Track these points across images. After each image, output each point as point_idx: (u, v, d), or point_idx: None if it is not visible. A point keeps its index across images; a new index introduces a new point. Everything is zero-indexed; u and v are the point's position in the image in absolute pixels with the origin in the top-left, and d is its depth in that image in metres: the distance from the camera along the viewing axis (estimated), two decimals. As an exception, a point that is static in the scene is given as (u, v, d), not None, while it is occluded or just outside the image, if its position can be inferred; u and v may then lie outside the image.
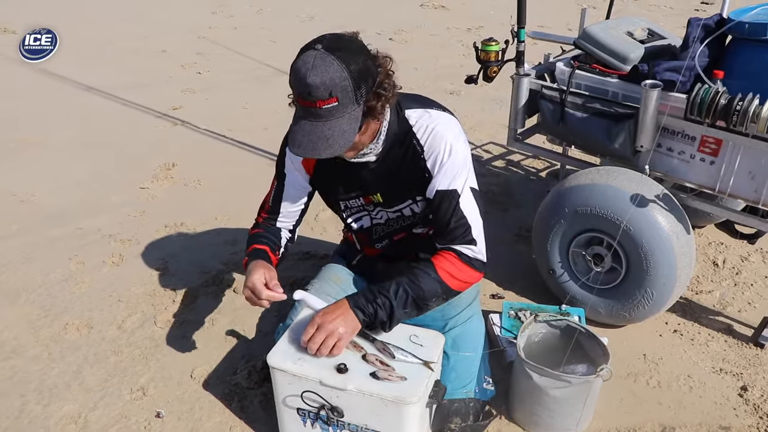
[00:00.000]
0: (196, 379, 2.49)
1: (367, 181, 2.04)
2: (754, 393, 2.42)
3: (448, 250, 1.97)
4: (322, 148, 1.69)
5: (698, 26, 2.52)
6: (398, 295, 1.88)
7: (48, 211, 3.77)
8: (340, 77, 1.63)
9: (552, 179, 4.10)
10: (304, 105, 1.67)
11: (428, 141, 1.93)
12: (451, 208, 1.94)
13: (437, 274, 1.91)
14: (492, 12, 8.91)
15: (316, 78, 1.61)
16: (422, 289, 1.89)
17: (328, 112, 1.66)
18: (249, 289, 1.91)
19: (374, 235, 2.23)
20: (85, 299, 2.95)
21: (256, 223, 2.23)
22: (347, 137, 1.70)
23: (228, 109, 5.52)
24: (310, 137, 1.68)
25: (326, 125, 1.67)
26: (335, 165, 2.00)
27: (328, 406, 1.85)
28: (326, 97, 1.63)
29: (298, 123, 1.71)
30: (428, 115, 1.97)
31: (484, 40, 2.76)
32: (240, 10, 9.37)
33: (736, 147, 2.37)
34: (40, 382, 2.47)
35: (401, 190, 2.05)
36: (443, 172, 1.93)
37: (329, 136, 1.68)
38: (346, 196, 2.11)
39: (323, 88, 1.62)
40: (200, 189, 4.06)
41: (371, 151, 1.92)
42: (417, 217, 2.14)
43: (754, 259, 3.29)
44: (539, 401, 2.13)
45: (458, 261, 1.95)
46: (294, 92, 1.69)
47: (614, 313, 2.65)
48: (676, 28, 2.85)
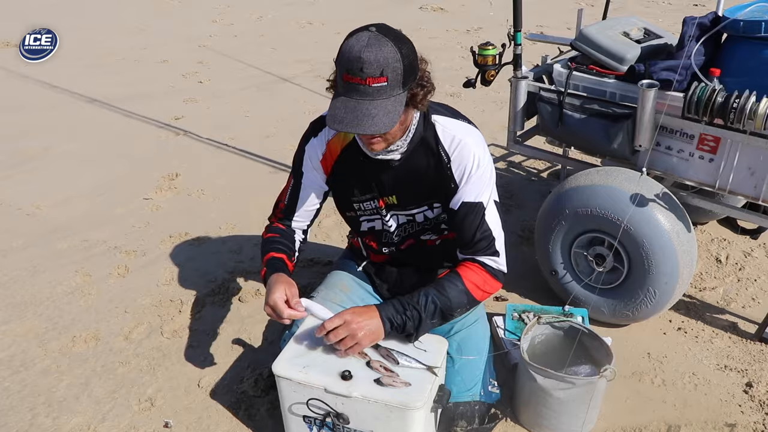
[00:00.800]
0: (204, 388, 2.51)
1: (385, 182, 2.04)
2: (760, 389, 2.43)
3: (474, 261, 2.00)
4: (367, 125, 1.67)
5: (693, 25, 2.53)
6: (427, 306, 1.90)
7: (53, 223, 3.80)
8: (393, 58, 1.65)
9: (553, 180, 4.11)
10: (352, 81, 1.66)
11: (456, 151, 1.95)
12: (477, 220, 1.97)
13: (464, 285, 1.94)
14: (491, 14, 8.91)
15: (371, 55, 1.62)
16: (450, 300, 1.92)
17: (376, 91, 1.66)
18: (270, 308, 1.90)
19: (383, 239, 2.23)
20: (92, 311, 2.98)
21: (270, 225, 2.22)
22: (392, 118, 1.69)
23: (229, 117, 5.55)
24: (354, 113, 1.67)
25: (372, 104, 1.67)
26: (355, 164, 2.02)
27: (333, 413, 1.86)
28: (377, 75, 1.64)
29: (339, 100, 1.70)
30: (455, 124, 1.99)
31: (481, 45, 2.77)
32: (240, 18, 9.40)
33: (735, 144, 2.37)
34: (49, 395, 2.49)
35: (419, 195, 2.07)
36: (470, 184, 1.95)
37: (374, 114, 1.67)
38: (361, 198, 2.11)
39: (376, 65, 1.63)
40: (203, 198, 4.08)
41: (398, 148, 1.92)
42: (429, 223, 2.15)
43: (757, 254, 3.29)
44: (544, 403, 2.14)
45: (484, 272, 1.98)
46: (342, 69, 1.68)
47: (617, 312, 2.66)
48: (675, 24, 2.86)
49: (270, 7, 9.98)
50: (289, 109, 5.69)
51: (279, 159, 4.58)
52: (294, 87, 6.31)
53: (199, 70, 6.90)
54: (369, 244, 2.31)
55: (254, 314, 2.92)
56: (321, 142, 2.07)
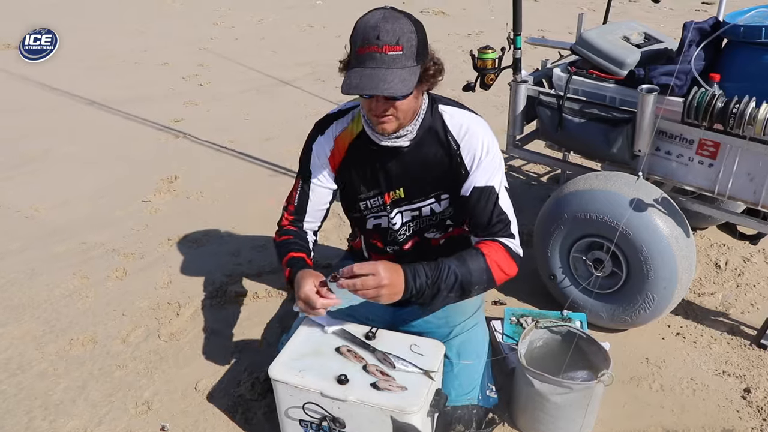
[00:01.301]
0: (201, 391, 2.50)
1: (392, 173, 2.05)
2: (758, 395, 2.42)
3: (493, 240, 1.99)
4: (383, 87, 1.68)
5: (694, 30, 2.53)
6: (447, 278, 1.87)
7: (51, 226, 3.80)
8: (408, 30, 1.72)
9: (553, 184, 4.11)
10: (369, 50, 1.69)
11: (464, 138, 2.00)
12: (491, 203, 1.99)
13: (486, 263, 1.93)
14: (492, 17, 8.93)
15: (387, 25, 1.68)
16: (471, 275, 1.90)
17: (392, 59, 1.69)
18: (302, 301, 1.88)
19: (389, 237, 2.23)
20: (90, 314, 2.97)
21: (281, 227, 2.20)
22: (407, 85, 1.72)
23: (229, 120, 5.54)
24: (370, 78, 1.69)
25: (387, 71, 1.69)
26: (363, 157, 2.04)
27: (329, 417, 1.85)
28: (393, 43, 1.68)
29: (354, 71, 1.72)
30: (462, 113, 2.05)
31: (481, 48, 2.77)
32: (241, 21, 9.41)
33: (734, 149, 2.37)
34: (46, 398, 2.49)
35: (427, 185, 2.08)
36: (481, 169, 1.98)
37: (390, 80, 1.69)
38: (368, 194, 2.12)
39: (392, 33, 1.68)
40: (202, 201, 4.07)
41: (407, 133, 1.94)
42: (434, 218, 2.16)
43: (757, 260, 3.28)
44: (541, 408, 2.13)
45: (504, 252, 1.98)
46: (357, 42, 1.72)
47: (616, 317, 2.66)
48: (676, 29, 2.86)
49: (271, 10, 9.99)
50: (289, 113, 5.68)
51: (279, 162, 4.57)
52: (294, 90, 6.32)
53: (199, 73, 6.90)
54: (373, 243, 2.31)
55: (252, 317, 2.91)
56: (328, 139, 2.09)
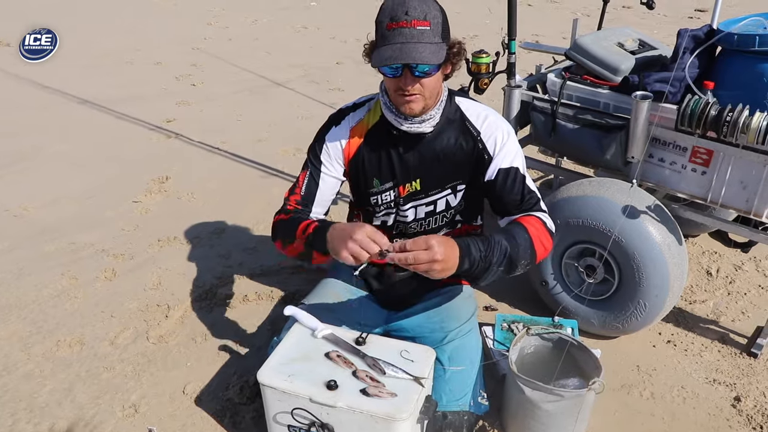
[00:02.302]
0: (189, 395, 2.48)
1: (409, 164, 2.07)
2: (748, 403, 2.42)
3: (531, 215, 2.02)
4: (415, 56, 1.74)
5: (688, 37, 2.53)
6: (498, 252, 1.85)
7: (40, 225, 3.76)
8: (435, 8, 1.79)
9: (546, 190, 4.10)
10: (397, 26, 1.75)
11: (484, 125, 2.05)
12: (519, 182, 2.04)
13: (531, 237, 1.94)
14: (487, 21, 8.92)
15: (414, 1, 1.75)
16: (519, 248, 1.89)
17: (420, 33, 1.75)
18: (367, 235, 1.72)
19: (395, 232, 2.24)
20: (78, 315, 2.94)
21: (287, 209, 2.12)
22: (438, 57, 1.78)
23: (222, 121, 5.52)
24: (401, 50, 1.74)
25: (417, 46, 1.75)
26: (381, 146, 2.07)
27: (318, 423, 1.84)
28: (422, 18, 1.75)
29: (384, 48, 1.78)
30: (477, 104, 2.10)
31: (475, 52, 2.76)
32: (235, 22, 9.39)
33: (727, 157, 2.37)
34: (31, 400, 2.45)
35: (444, 175, 2.10)
36: (504, 152, 2.03)
37: (422, 51, 1.75)
38: (381, 188, 2.12)
39: (420, 9, 1.74)
40: (194, 202, 4.05)
41: (431, 117, 1.97)
42: (447, 214, 2.17)
43: (748, 267, 3.29)
44: (532, 415, 2.12)
45: (543, 227, 2.00)
46: (385, 19, 1.77)
47: (607, 324, 2.65)
48: (670, 36, 2.86)
49: (265, 11, 9.98)
50: (281, 114, 5.67)
51: (270, 164, 4.55)
52: (287, 91, 6.30)
53: (192, 73, 6.87)
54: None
55: (242, 320, 2.89)
56: (344, 130, 2.11)
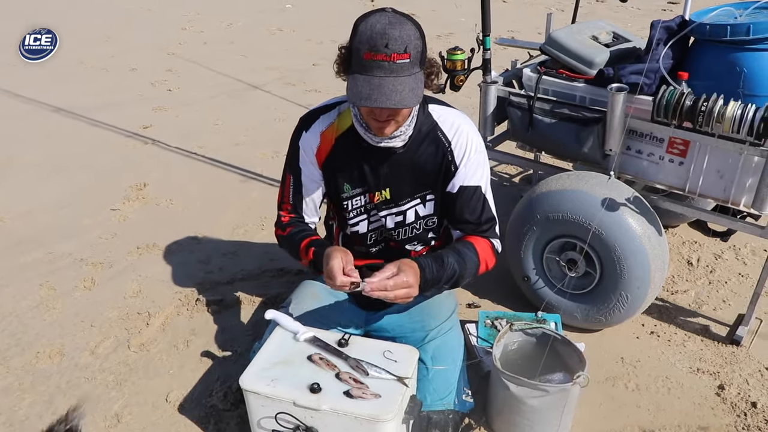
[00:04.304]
0: (172, 402, 2.45)
1: (380, 173, 2.05)
2: (731, 391, 2.43)
3: (485, 238, 2.08)
4: (396, 100, 1.67)
5: (661, 29, 2.54)
6: (448, 272, 1.94)
7: (17, 235, 3.70)
8: (414, 36, 1.69)
9: (525, 185, 4.11)
10: (376, 59, 1.66)
11: (455, 135, 2.01)
12: (480, 203, 2.06)
13: (478, 259, 2.02)
14: (462, 19, 8.93)
15: (395, 32, 1.64)
16: (466, 270, 1.98)
17: (400, 67, 1.67)
18: (327, 276, 1.86)
19: (369, 241, 2.22)
20: (57, 326, 2.90)
21: (283, 223, 2.19)
22: (417, 94, 1.72)
23: (199, 126, 5.47)
24: (381, 89, 1.67)
25: (397, 80, 1.68)
26: (350, 154, 2.03)
27: (303, 427, 1.82)
28: (401, 51, 1.66)
29: (361, 78, 1.69)
30: (450, 111, 2.06)
31: (450, 49, 2.75)
32: (210, 26, 9.32)
33: (704, 147, 2.38)
34: (11, 414, 2.41)
35: (414, 185, 2.08)
36: (467, 168, 2.02)
37: (401, 90, 1.68)
38: (351, 193, 2.11)
39: (401, 41, 1.65)
40: (172, 208, 4.00)
41: (402, 134, 1.94)
42: (418, 226, 2.16)
43: (728, 256, 3.31)
44: (517, 411, 2.11)
45: (491, 250, 2.08)
46: (363, 47, 1.68)
47: (590, 317, 2.65)
48: (643, 29, 2.86)
49: (240, 14, 9.91)
50: (259, 117, 5.63)
51: (249, 167, 4.52)
52: (264, 94, 6.26)
53: (168, 78, 6.81)
54: (354, 245, 2.26)
55: (224, 325, 2.87)
56: (314, 134, 2.07)
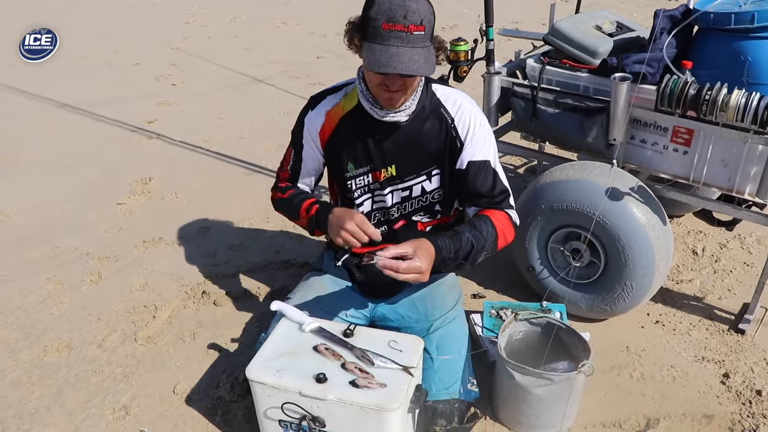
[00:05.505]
0: (179, 394, 2.47)
1: (385, 150, 2.09)
2: (736, 379, 2.43)
3: (501, 210, 2.09)
4: (414, 68, 1.74)
5: (665, 17, 2.53)
6: (465, 248, 1.95)
7: (24, 231, 3.72)
8: (429, 11, 1.78)
9: (530, 175, 4.11)
10: (394, 29, 1.73)
11: (458, 112, 2.06)
12: (490, 177, 2.08)
13: (496, 232, 2.01)
14: (465, 10, 8.91)
15: (413, 4, 1.73)
16: (485, 244, 1.99)
17: (416, 38, 1.75)
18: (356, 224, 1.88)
19: (373, 221, 2.24)
20: (65, 319, 2.91)
21: (281, 187, 2.28)
22: (431, 64, 1.79)
23: (203, 120, 5.48)
24: (399, 57, 1.73)
25: (412, 51, 1.75)
26: (355, 132, 2.08)
27: (309, 417, 1.83)
28: (418, 23, 1.74)
29: (378, 48, 1.75)
30: (451, 90, 2.11)
31: (453, 40, 2.75)
32: (214, 20, 9.32)
33: (708, 136, 2.38)
34: (20, 407, 2.43)
35: (419, 161, 2.11)
36: (474, 143, 2.06)
37: (417, 59, 1.75)
38: (355, 172, 2.14)
39: (417, 14, 1.73)
40: (177, 202, 4.02)
41: (407, 107, 1.98)
42: (425, 199, 2.18)
43: (733, 245, 3.31)
44: (523, 400, 2.12)
45: (509, 222, 2.08)
46: (381, 17, 1.74)
47: (595, 307, 2.66)
48: (648, 19, 2.86)
49: (243, 8, 9.91)
50: (263, 110, 5.64)
51: (254, 161, 4.53)
52: (268, 88, 6.27)
53: (172, 73, 6.82)
54: None
55: (230, 318, 2.88)
56: (319, 113, 2.13)
